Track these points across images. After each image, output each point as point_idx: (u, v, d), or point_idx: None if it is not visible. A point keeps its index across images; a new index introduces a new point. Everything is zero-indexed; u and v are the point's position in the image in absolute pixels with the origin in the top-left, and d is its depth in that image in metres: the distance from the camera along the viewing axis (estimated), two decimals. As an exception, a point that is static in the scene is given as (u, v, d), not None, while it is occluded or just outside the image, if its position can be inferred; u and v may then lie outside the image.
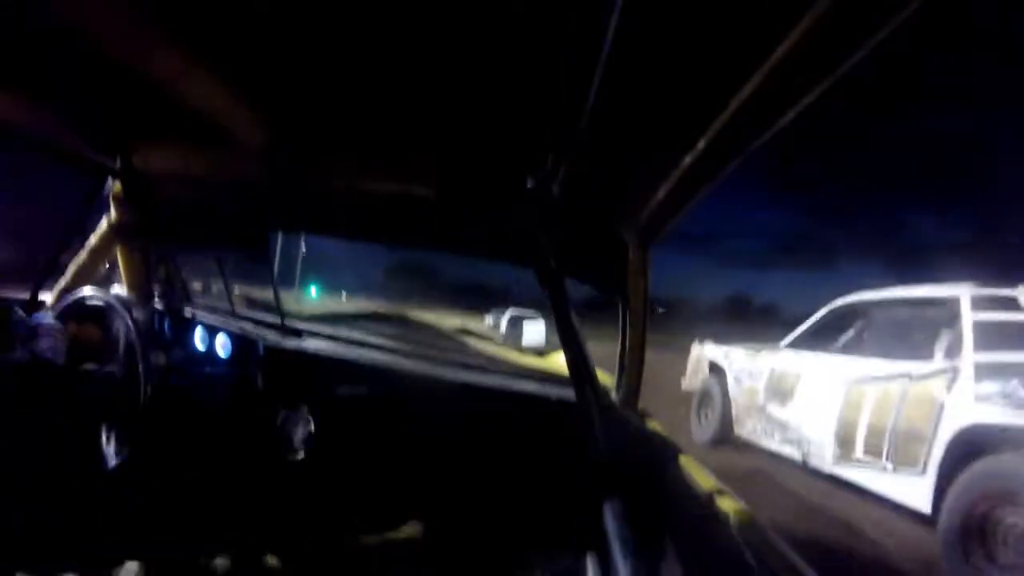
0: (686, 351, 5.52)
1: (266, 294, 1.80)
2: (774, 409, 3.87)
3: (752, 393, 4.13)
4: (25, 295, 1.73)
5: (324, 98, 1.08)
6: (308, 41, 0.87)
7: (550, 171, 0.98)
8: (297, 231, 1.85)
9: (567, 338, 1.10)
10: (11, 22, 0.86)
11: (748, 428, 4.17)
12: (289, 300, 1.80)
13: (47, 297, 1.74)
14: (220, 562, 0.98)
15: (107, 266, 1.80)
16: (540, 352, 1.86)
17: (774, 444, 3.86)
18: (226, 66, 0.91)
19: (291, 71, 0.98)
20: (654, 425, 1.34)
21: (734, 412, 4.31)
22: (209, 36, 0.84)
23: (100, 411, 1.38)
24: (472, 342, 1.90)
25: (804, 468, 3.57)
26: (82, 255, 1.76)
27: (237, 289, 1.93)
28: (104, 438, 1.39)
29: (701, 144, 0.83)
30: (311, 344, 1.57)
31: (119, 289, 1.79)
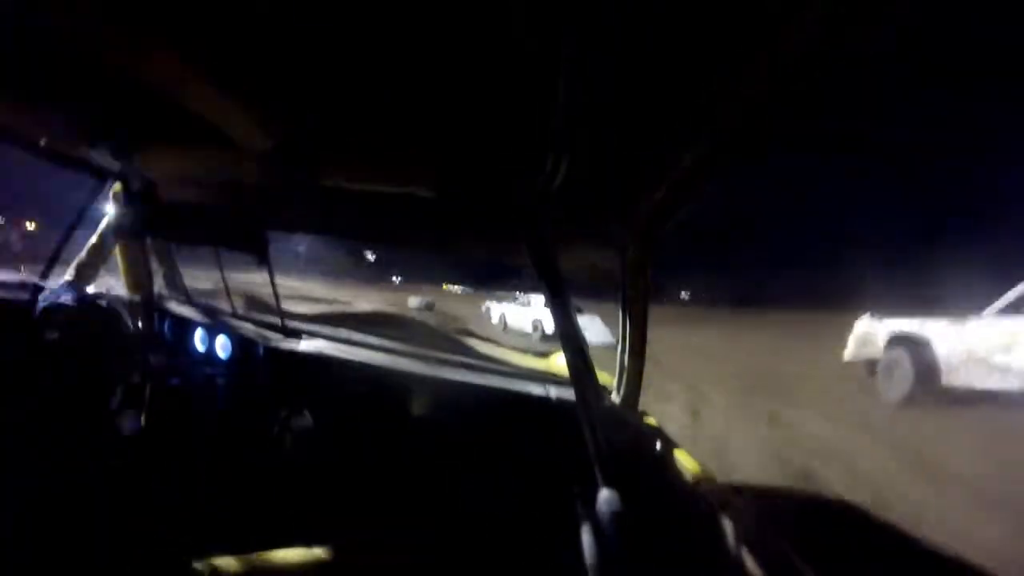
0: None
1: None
2: (997, 358, 5.49)
3: (967, 349, 5.69)
4: (25, 295, 1.73)
5: (324, 98, 1.08)
6: (307, 41, 0.87)
7: (550, 171, 0.98)
8: (297, 231, 1.84)
9: (567, 338, 1.10)
10: (13, 25, 0.86)
11: (962, 377, 5.74)
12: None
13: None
14: (220, 562, 0.98)
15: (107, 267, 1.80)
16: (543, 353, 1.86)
17: (992, 382, 5.46)
18: (226, 67, 0.91)
19: (291, 71, 0.98)
20: (654, 424, 1.34)
21: (943, 368, 5.83)
22: (209, 37, 0.84)
23: (100, 410, 1.39)
24: (472, 342, 1.89)
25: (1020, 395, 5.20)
26: (82, 255, 1.77)
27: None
28: (104, 438, 1.39)
29: (701, 144, 0.83)
30: (311, 345, 1.57)
31: (119, 290, 1.79)
